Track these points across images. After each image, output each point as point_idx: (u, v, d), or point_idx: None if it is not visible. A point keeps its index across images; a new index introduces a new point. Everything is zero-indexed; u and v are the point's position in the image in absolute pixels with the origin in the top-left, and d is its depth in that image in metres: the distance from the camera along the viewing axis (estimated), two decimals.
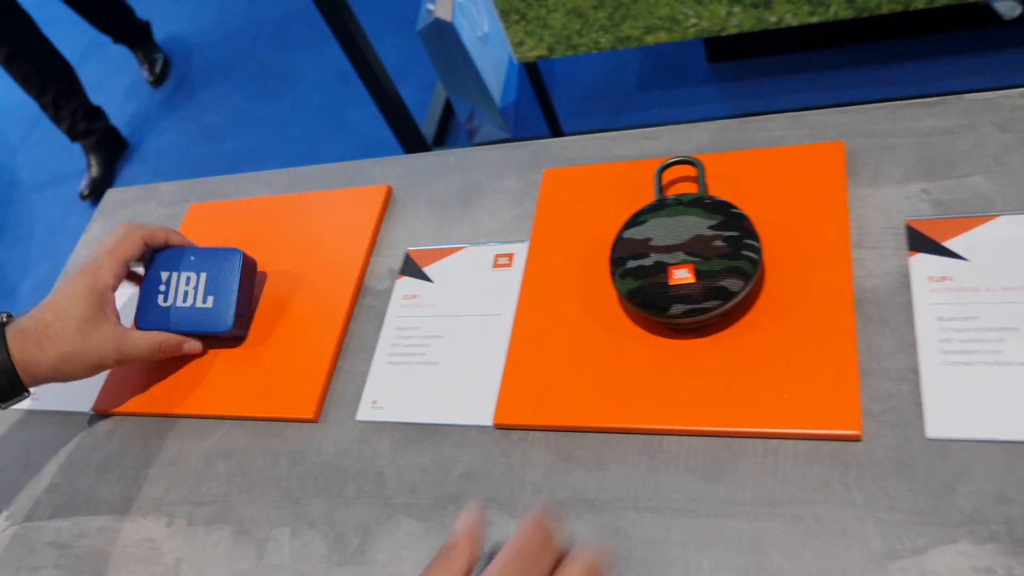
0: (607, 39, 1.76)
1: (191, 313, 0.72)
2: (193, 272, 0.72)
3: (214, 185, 0.90)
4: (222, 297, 0.71)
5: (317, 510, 0.63)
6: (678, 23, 1.70)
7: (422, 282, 0.70)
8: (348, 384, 0.68)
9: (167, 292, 0.73)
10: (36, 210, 2.80)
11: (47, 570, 0.69)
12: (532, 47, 1.80)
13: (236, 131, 2.65)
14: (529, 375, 0.61)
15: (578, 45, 1.79)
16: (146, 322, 0.73)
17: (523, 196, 0.73)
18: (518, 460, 0.59)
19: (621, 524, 0.53)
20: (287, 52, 2.82)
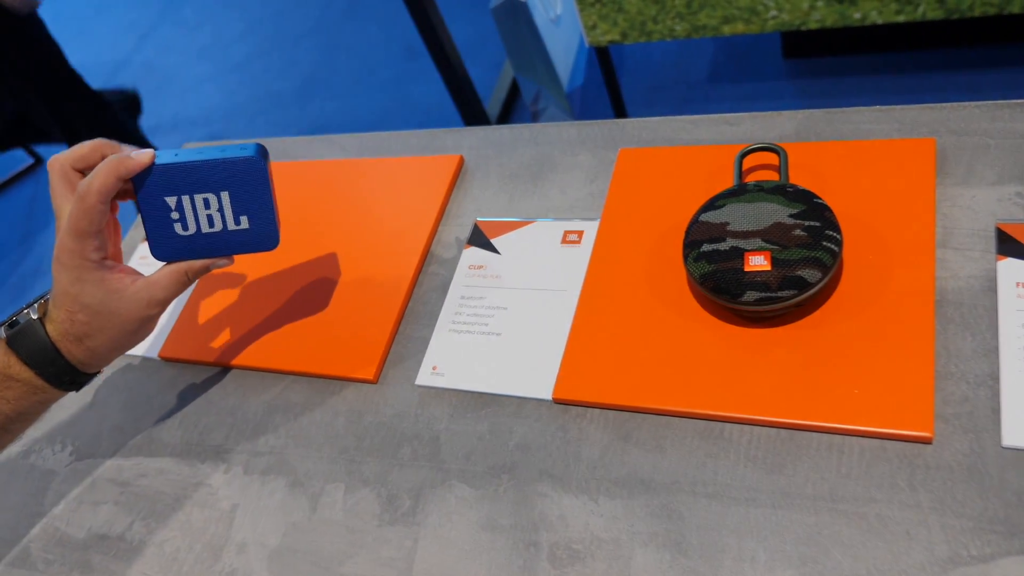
0: (682, 27, 1.74)
1: (224, 238, 0.61)
2: (210, 193, 0.60)
3: (286, 146, 0.92)
4: (258, 214, 0.60)
5: (371, 469, 0.63)
6: (757, 14, 1.67)
7: (489, 253, 0.70)
8: (409, 348, 0.69)
9: (183, 219, 0.60)
10: None
11: (107, 506, 0.71)
12: (605, 31, 1.79)
13: (300, 100, 2.68)
14: (592, 352, 0.60)
15: (652, 32, 1.76)
16: (168, 254, 0.62)
17: (596, 174, 0.73)
18: (574, 435, 0.59)
19: (676, 507, 0.53)
20: (356, 24, 2.84)
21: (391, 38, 2.67)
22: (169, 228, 0.61)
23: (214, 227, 0.61)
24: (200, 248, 0.61)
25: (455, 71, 2.01)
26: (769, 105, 2.04)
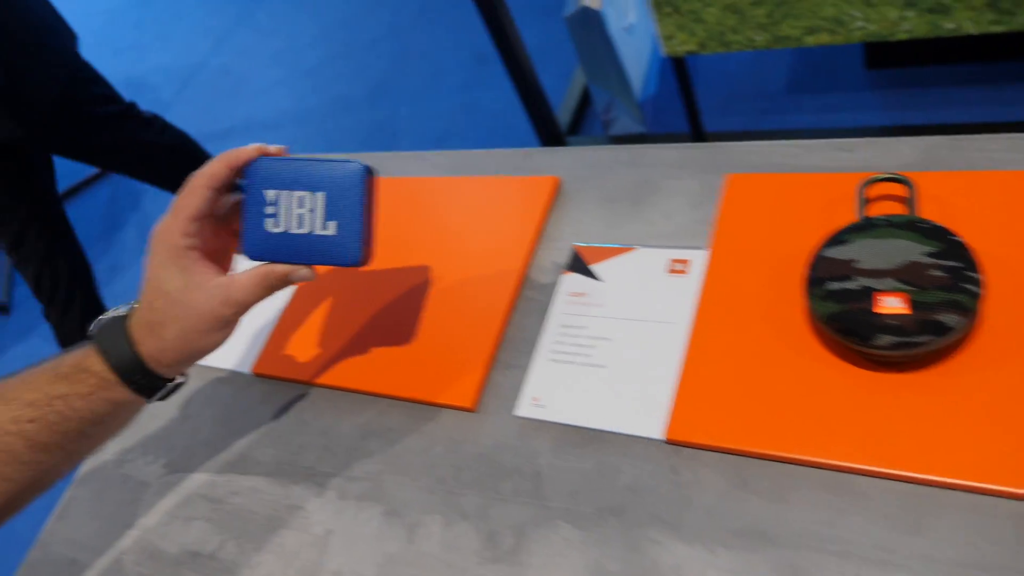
0: (763, 38, 1.70)
1: (309, 241, 0.59)
2: (307, 192, 0.59)
3: (377, 161, 0.90)
4: (346, 222, 0.58)
5: (471, 502, 0.62)
6: (843, 25, 1.61)
7: (589, 280, 0.68)
8: (507, 377, 0.67)
9: (277, 215, 0.60)
10: None
11: (199, 522, 0.71)
12: (683, 41, 1.75)
13: (370, 105, 2.70)
14: (706, 391, 0.58)
15: (731, 42, 1.73)
16: (255, 250, 0.61)
17: (701, 200, 0.70)
18: (688, 479, 0.56)
19: (801, 564, 0.50)
20: (426, 31, 2.85)
21: (460, 44, 2.67)
22: (261, 223, 0.60)
23: (302, 228, 0.59)
24: (285, 249, 0.60)
25: (526, 79, 2.00)
26: (851, 116, 1.98)
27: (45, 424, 0.58)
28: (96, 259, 2.75)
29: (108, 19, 3.87)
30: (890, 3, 1.55)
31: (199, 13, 3.56)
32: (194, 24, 3.51)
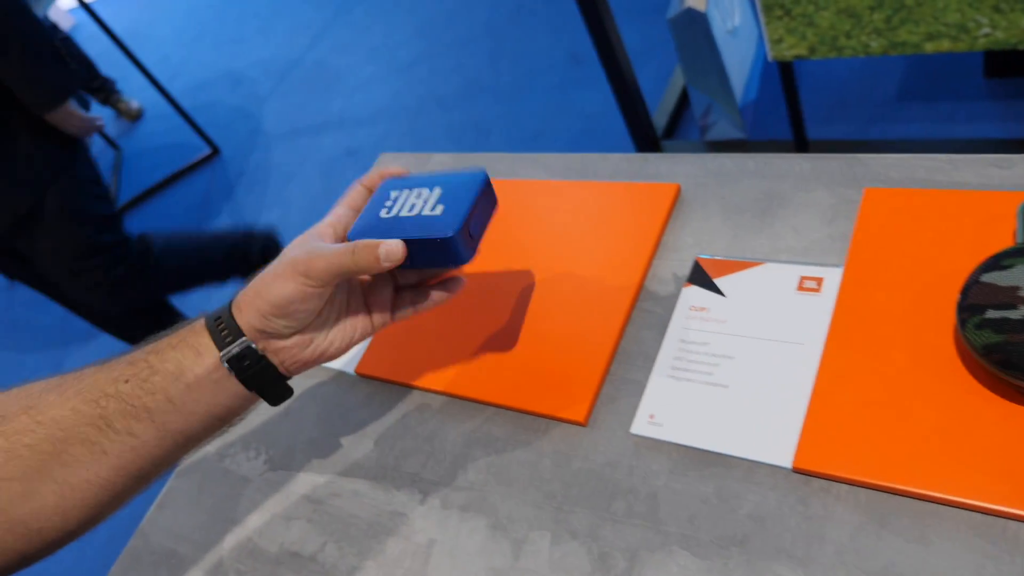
0: (878, 43, 1.63)
1: (413, 220, 0.58)
2: (426, 188, 0.61)
3: (487, 162, 0.89)
4: (453, 206, 0.58)
5: (581, 521, 0.60)
6: (967, 31, 1.53)
7: (712, 294, 0.65)
8: (622, 391, 0.65)
9: (392, 206, 0.60)
10: (275, 158, 2.99)
11: (300, 522, 0.71)
12: (792, 45, 1.70)
13: (463, 103, 2.70)
14: (840, 417, 0.54)
15: (843, 47, 1.66)
16: (358, 231, 0.60)
17: (835, 214, 0.66)
18: (818, 512, 0.53)
19: None
20: (521, 30, 2.84)
21: (556, 44, 2.66)
22: (376, 213, 0.61)
23: (412, 212, 0.59)
24: (387, 228, 0.59)
25: (625, 80, 1.96)
26: (966, 128, 1.88)
27: (137, 382, 0.55)
28: None
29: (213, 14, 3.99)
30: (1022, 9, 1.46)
31: (299, 8, 3.64)
32: (294, 19, 3.59)
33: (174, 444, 0.56)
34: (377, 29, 3.16)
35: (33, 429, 0.53)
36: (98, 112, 3.62)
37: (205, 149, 3.16)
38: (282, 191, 2.85)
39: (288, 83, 3.24)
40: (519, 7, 2.91)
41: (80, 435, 0.53)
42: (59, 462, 0.52)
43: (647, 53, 2.38)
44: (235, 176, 3.04)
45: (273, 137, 3.09)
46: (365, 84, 3.01)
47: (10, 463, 0.52)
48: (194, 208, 3.00)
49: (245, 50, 3.61)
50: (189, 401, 0.55)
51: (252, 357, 0.56)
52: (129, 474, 0.55)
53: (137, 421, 0.54)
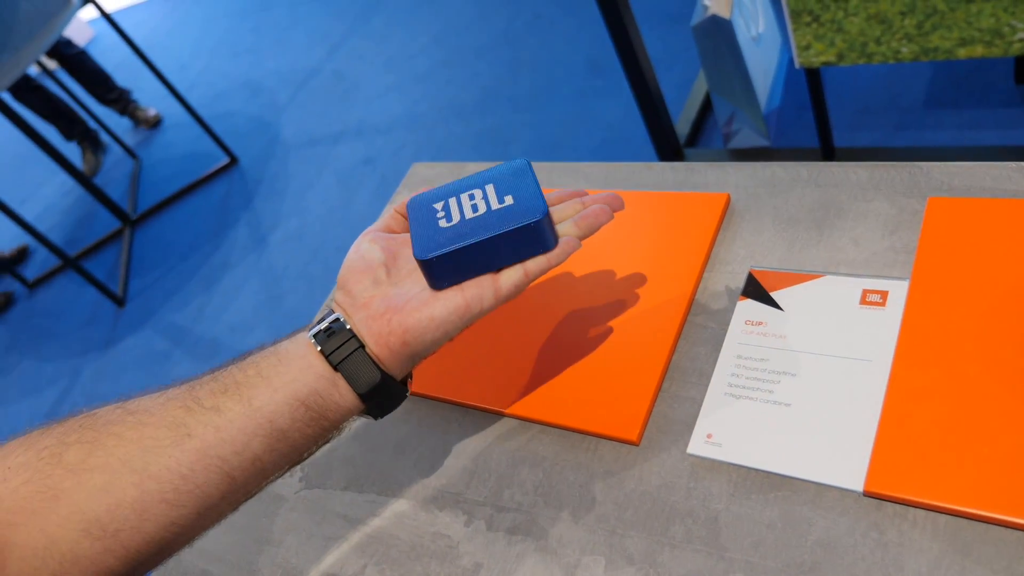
0: (909, 49, 1.60)
1: (488, 217, 0.54)
2: (476, 188, 0.58)
3: None
4: (522, 192, 0.55)
5: (636, 545, 0.57)
6: (1002, 37, 1.50)
7: (769, 308, 0.63)
8: (675, 409, 0.62)
9: (448, 215, 0.56)
10: (293, 167, 2.99)
11: (338, 543, 0.69)
12: (819, 52, 1.67)
13: (481, 111, 2.69)
14: (914, 438, 0.52)
15: (873, 54, 1.63)
16: (429, 247, 0.54)
17: (897, 225, 0.64)
18: (893, 539, 0.50)
19: None
20: (539, 39, 2.83)
21: (574, 52, 2.64)
22: (434, 224, 0.56)
23: (478, 212, 0.55)
24: (464, 233, 0.54)
25: (648, 87, 1.94)
26: (995, 134, 1.85)
27: (235, 365, 0.54)
28: (208, 255, 2.83)
29: (231, 24, 4.00)
30: None
31: (316, 19, 3.64)
32: (312, 29, 3.59)
33: (259, 427, 0.51)
34: (395, 38, 3.16)
35: (122, 419, 0.51)
36: (116, 122, 3.63)
37: (223, 158, 3.17)
38: (300, 200, 2.84)
39: (306, 92, 3.24)
40: (537, 16, 2.90)
41: (168, 418, 0.50)
42: (141, 447, 0.49)
43: (669, 60, 2.37)
44: (253, 185, 3.04)
45: (291, 146, 3.09)
46: (383, 93, 3.00)
47: (94, 453, 0.49)
48: (212, 217, 3.00)
49: (263, 60, 3.62)
50: (275, 375, 0.53)
51: (338, 327, 0.54)
52: (211, 463, 0.50)
53: (226, 396, 0.52)
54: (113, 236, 3.17)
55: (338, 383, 0.53)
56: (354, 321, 0.55)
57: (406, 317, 0.54)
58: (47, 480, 0.48)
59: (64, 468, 0.48)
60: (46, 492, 0.48)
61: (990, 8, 1.45)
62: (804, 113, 2.05)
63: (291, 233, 2.73)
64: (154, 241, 3.06)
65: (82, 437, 0.50)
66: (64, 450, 0.49)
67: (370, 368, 0.54)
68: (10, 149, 4.01)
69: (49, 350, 2.81)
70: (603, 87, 2.50)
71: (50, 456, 0.49)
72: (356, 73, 3.10)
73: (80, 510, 0.48)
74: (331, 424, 0.55)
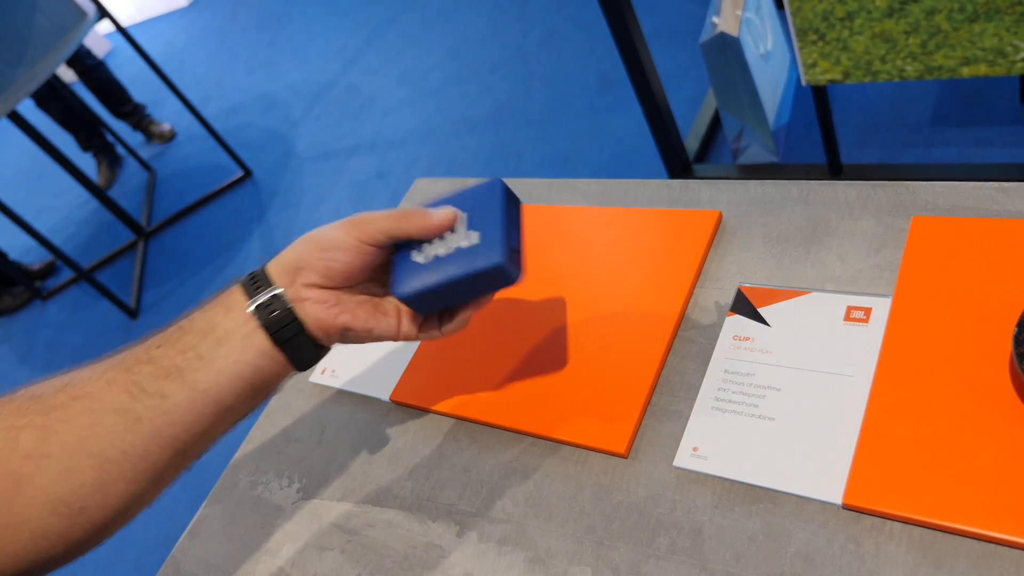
0: (914, 68, 1.61)
1: (454, 257, 0.57)
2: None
3: (523, 188, 0.89)
4: (489, 229, 0.57)
5: (623, 556, 0.58)
6: (1005, 56, 1.51)
7: (756, 324, 0.64)
8: (663, 423, 0.63)
9: (423, 250, 0.59)
10: (307, 180, 3.02)
11: (334, 553, 0.70)
12: (825, 70, 1.68)
13: (493, 126, 2.71)
14: (893, 453, 0.53)
15: (878, 72, 1.64)
16: (405, 285, 0.58)
17: (883, 243, 0.65)
18: (870, 551, 0.51)
19: None
20: (551, 55, 2.85)
21: (586, 69, 2.66)
22: (408, 261, 0.59)
23: (447, 249, 0.58)
24: (432, 272, 0.57)
25: (657, 104, 1.96)
26: (1001, 152, 1.85)
27: (169, 344, 0.55)
28: (220, 268, 2.87)
29: (247, 38, 4.05)
30: None
31: (331, 34, 3.68)
32: (326, 44, 3.63)
33: (206, 408, 0.54)
34: (409, 53, 3.19)
35: (68, 404, 0.52)
36: (130, 137, 3.68)
37: (237, 171, 3.20)
38: (313, 213, 2.87)
39: (320, 106, 3.28)
40: (551, 32, 2.92)
41: (114, 404, 0.52)
42: (94, 434, 0.52)
43: (679, 77, 2.38)
44: (267, 198, 3.07)
45: (305, 160, 3.12)
46: (396, 107, 3.03)
47: (48, 440, 0.51)
48: (226, 230, 3.03)
49: (278, 74, 3.66)
50: (217, 357, 0.54)
51: (281, 308, 0.55)
52: (165, 442, 0.53)
53: (168, 381, 0.53)
54: (127, 248, 3.20)
55: (278, 358, 0.56)
56: (301, 304, 0.56)
57: (351, 320, 0.57)
58: (6, 466, 0.50)
59: (21, 455, 0.51)
60: (8, 478, 0.50)
61: (993, 28, 1.46)
62: (812, 130, 2.06)
63: None
64: (168, 253, 3.10)
65: (32, 422, 0.52)
66: (17, 435, 0.51)
67: (311, 349, 0.57)
68: (25, 161, 4.07)
69: (61, 362, 2.84)
70: (614, 102, 2.52)
71: (4, 441, 0.51)
72: (370, 87, 3.13)
73: (45, 493, 0.51)
74: (270, 391, 0.59)
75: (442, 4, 3.33)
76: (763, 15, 2.02)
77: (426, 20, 3.35)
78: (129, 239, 3.21)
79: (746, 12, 1.92)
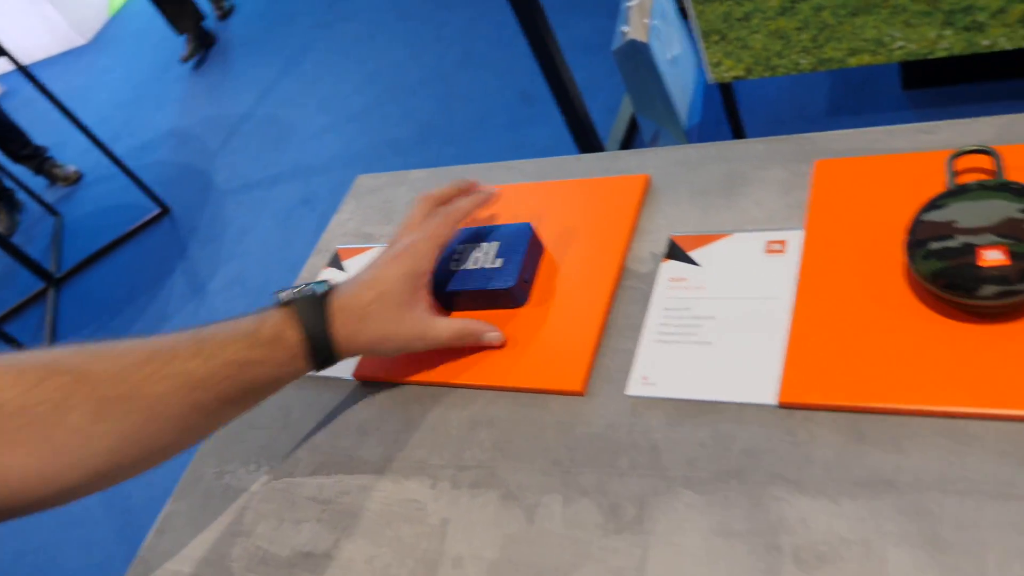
0: (808, 61, 1.74)
1: (478, 272, 0.77)
2: (486, 242, 0.79)
3: (464, 173, 0.95)
4: (510, 259, 0.76)
5: (589, 480, 0.64)
6: (884, 45, 1.65)
7: (688, 266, 0.71)
8: (615, 361, 0.70)
9: (460, 259, 0.79)
10: (228, 213, 3.01)
11: (310, 523, 0.73)
12: (729, 68, 1.80)
13: (418, 146, 2.77)
14: (815, 355, 0.60)
15: (777, 66, 1.77)
16: (436, 284, 0.77)
17: (791, 186, 0.73)
18: (804, 438, 0.58)
19: (926, 505, 0.52)
20: (471, 73, 2.93)
21: (505, 85, 2.75)
22: (447, 264, 0.79)
23: (476, 265, 0.77)
24: (458, 280, 0.78)
25: (577, 113, 2.06)
26: None
27: (236, 384, 0.64)
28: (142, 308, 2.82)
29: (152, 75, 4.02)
30: (928, 23, 1.59)
31: (244, 67, 3.69)
32: (239, 77, 3.64)
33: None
34: (327, 80, 3.23)
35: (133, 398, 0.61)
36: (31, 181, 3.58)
37: (154, 208, 3.16)
38: (238, 245, 2.86)
39: (238, 138, 3.28)
40: (468, 52, 3.01)
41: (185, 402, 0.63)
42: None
43: (595, 86, 2.49)
44: (187, 233, 3.05)
45: (225, 192, 3.11)
46: (318, 134, 3.06)
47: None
48: (146, 269, 2.99)
49: (190, 109, 3.64)
50: (265, 396, 0.70)
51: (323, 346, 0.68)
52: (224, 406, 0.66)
53: (232, 407, 0.67)
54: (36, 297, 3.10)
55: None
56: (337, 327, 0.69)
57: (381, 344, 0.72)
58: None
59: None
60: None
61: (872, 21, 1.59)
62: (723, 127, 2.19)
63: (231, 279, 2.75)
64: (82, 299, 3.02)
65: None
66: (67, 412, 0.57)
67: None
68: None
69: None
70: (535, 115, 2.61)
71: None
72: (290, 116, 3.16)
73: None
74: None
75: (357, 31, 3.39)
76: (669, 22, 2.14)
77: (343, 47, 3.39)
78: (38, 287, 3.12)
79: (653, 20, 2.04)
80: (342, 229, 1.01)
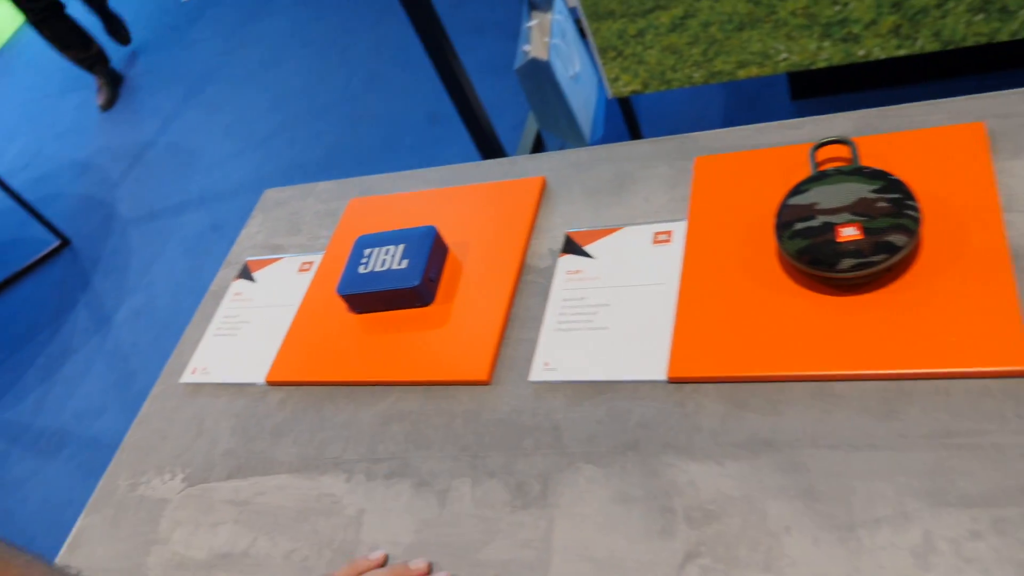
0: (700, 74, 1.83)
1: (385, 274, 0.81)
2: (392, 245, 0.83)
3: (370, 183, 0.98)
4: (415, 259, 0.80)
5: (496, 462, 0.67)
6: (769, 58, 1.76)
7: (584, 259, 0.76)
8: (518, 350, 0.74)
9: (367, 262, 0.83)
10: (133, 242, 2.94)
11: (227, 525, 0.74)
12: (627, 82, 1.88)
13: (327, 169, 2.77)
14: (700, 333, 0.65)
15: (672, 80, 1.86)
16: (346, 287, 0.82)
17: (676, 182, 0.79)
18: (692, 409, 0.63)
19: (801, 460, 0.57)
20: (378, 96, 2.95)
21: (412, 106, 2.78)
22: (356, 269, 0.83)
23: (384, 267, 0.81)
24: (367, 282, 0.81)
25: (484, 131, 2.11)
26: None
27: None
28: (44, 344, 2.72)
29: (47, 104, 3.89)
30: (808, 36, 1.70)
31: (142, 94, 3.61)
32: (139, 105, 3.56)
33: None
34: (231, 106, 3.20)
35: None
36: None
37: (53, 241, 3.05)
38: (144, 275, 2.79)
39: (141, 167, 3.21)
40: (374, 75, 3.03)
41: None
42: None
43: (501, 104, 2.55)
44: (90, 265, 2.96)
45: (129, 221, 3.03)
46: (224, 161, 3.02)
47: None
48: (45, 304, 2.89)
49: (88, 139, 3.54)
50: None
51: None
52: None
53: None
54: None
55: None
56: None
57: None
58: None
59: None
60: None
61: (757, 35, 1.70)
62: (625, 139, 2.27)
63: (137, 309, 2.68)
64: None
65: None
66: None
67: None
68: None
69: None
70: (443, 135, 2.65)
71: None
72: (193, 143, 3.11)
73: None
74: None
75: (261, 56, 3.37)
76: (569, 41, 2.22)
77: (246, 74, 3.37)
78: None
79: (553, 39, 2.11)
80: (251, 242, 1.02)
